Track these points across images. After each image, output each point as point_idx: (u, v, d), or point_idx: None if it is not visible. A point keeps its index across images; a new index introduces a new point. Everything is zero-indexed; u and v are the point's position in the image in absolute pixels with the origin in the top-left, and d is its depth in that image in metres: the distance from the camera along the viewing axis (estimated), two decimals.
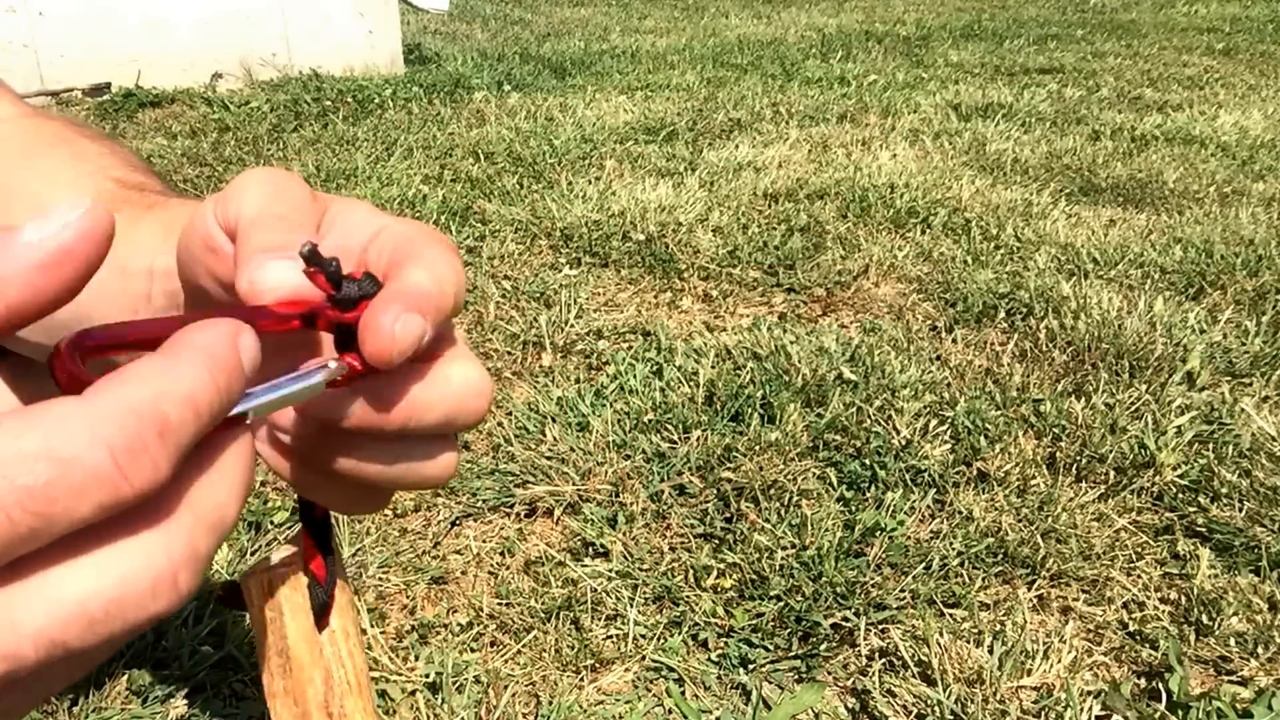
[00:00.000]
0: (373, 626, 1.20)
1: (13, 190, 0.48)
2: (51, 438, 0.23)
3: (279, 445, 0.35)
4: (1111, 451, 1.53)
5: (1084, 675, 1.13)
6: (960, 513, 1.40)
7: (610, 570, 1.30)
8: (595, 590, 1.26)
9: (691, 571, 1.29)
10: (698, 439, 1.56)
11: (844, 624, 1.21)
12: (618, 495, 1.44)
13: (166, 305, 0.41)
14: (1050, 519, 1.38)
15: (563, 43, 5.94)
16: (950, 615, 1.23)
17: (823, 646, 1.18)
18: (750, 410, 1.64)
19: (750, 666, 1.16)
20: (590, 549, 1.35)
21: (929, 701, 1.09)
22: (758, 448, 1.53)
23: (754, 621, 1.21)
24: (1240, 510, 1.40)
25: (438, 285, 0.32)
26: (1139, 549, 1.35)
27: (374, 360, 0.31)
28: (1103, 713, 1.08)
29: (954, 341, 1.95)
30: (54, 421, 0.23)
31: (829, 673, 1.16)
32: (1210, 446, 1.54)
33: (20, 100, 0.55)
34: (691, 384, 1.73)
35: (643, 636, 1.20)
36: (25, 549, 0.23)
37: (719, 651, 1.18)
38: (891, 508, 1.40)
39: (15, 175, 0.49)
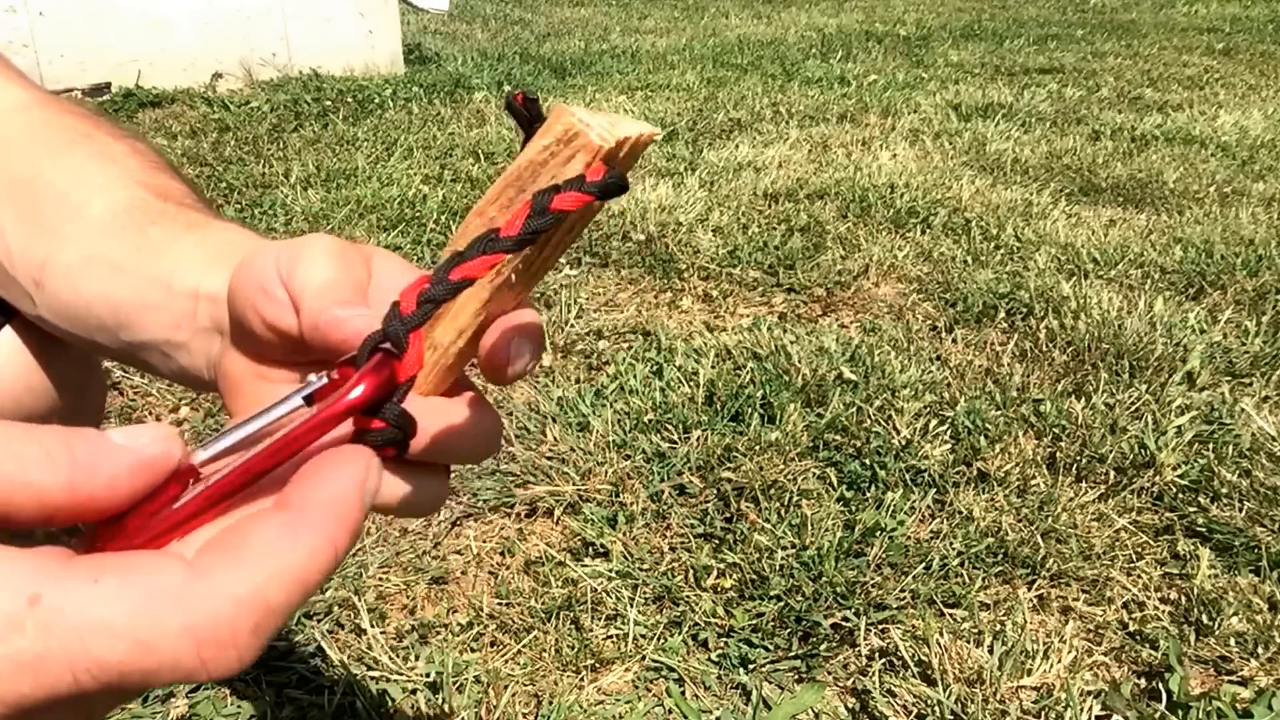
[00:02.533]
0: (373, 626, 1.20)
1: (40, 185, 0.48)
2: (140, 619, 0.22)
3: None
4: (1111, 451, 1.53)
5: (1084, 675, 1.13)
6: (960, 513, 1.40)
7: (610, 570, 1.30)
8: (595, 590, 1.26)
9: (691, 571, 1.29)
10: (698, 439, 1.56)
11: (844, 624, 1.21)
12: (618, 495, 1.44)
13: (210, 327, 0.43)
14: (1050, 519, 1.38)
15: (563, 43, 5.94)
16: (950, 615, 1.23)
17: (823, 646, 1.18)
18: (750, 410, 1.64)
19: (750, 666, 1.16)
20: (590, 549, 1.35)
21: (929, 701, 1.09)
22: (758, 448, 1.53)
23: (754, 621, 1.21)
24: (1240, 510, 1.40)
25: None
26: (1139, 549, 1.35)
27: (496, 376, 0.36)
28: (1103, 713, 1.08)
29: (954, 341, 1.95)
30: (150, 597, 0.23)
31: (829, 673, 1.16)
32: (1210, 446, 1.54)
33: (30, 82, 0.55)
34: (691, 384, 1.73)
35: (643, 636, 1.20)
36: (76, 698, 0.22)
37: (719, 651, 1.18)
38: (891, 508, 1.40)
39: (42, 170, 0.49)
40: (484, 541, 1.37)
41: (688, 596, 1.25)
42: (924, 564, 1.29)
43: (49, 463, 0.25)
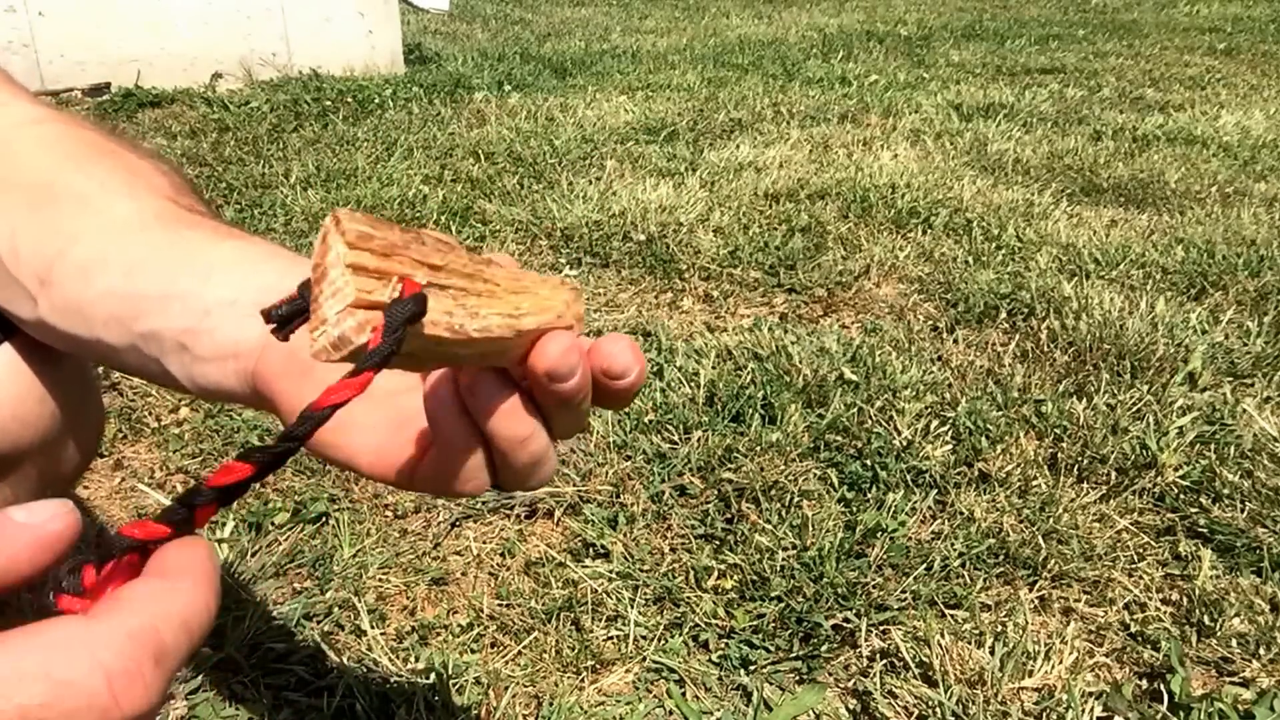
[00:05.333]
0: (373, 627, 1.20)
1: (61, 190, 0.49)
2: (51, 660, 0.24)
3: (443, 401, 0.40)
4: (1113, 452, 1.53)
5: (1085, 676, 1.13)
6: (961, 513, 1.40)
7: (611, 571, 1.30)
8: (596, 591, 1.26)
9: (692, 572, 1.29)
10: (698, 439, 1.56)
11: (845, 625, 1.21)
12: (618, 496, 1.44)
13: (252, 315, 0.45)
14: (1052, 520, 1.38)
15: (563, 43, 5.94)
16: (951, 616, 1.22)
17: (824, 647, 1.18)
18: (751, 411, 1.64)
19: (751, 667, 1.15)
20: (591, 550, 1.34)
21: (930, 703, 1.09)
22: (758, 448, 1.53)
23: (755, 622, 1.21)
24: (1242, 511, 1.40)
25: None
26: (1140, 550, 1.35)
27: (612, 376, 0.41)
28: (1104, 714, 1.08)
29: (955, 342, 1.95)
30: (55, 644, 0.25)
31: (830, 674, 1.16)
32: (1212, 447, 1.54)
33: (41, 101, 0.55)
34: (692, 384, 1.73)
35: (643, 637, 1.20)
36: None
37: (720, 652, 1.17)
38: (893, 508, 1.40)
39: (63, 176, 0.49)
40: (484, 542, 1.37)
41: (688, 597, 1.25)
42: (925, 565, 1.29)
43: None
